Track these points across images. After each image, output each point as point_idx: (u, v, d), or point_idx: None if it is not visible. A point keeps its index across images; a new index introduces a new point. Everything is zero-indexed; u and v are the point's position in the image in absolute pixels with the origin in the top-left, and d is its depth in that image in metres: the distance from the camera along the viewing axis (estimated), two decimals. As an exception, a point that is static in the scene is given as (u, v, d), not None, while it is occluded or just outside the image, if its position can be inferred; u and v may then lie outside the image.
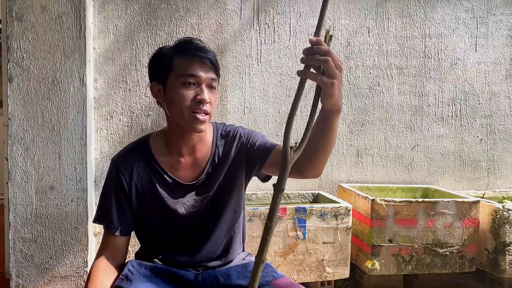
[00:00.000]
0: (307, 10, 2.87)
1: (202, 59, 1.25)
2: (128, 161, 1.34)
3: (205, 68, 1.25)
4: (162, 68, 1.28)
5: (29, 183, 2.37)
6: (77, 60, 2.39)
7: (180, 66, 1.25)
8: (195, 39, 1.30)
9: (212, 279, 1.35)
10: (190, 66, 1.24)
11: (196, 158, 1.35)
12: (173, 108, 1.27)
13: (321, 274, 2.43)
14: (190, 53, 1.25)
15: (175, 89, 1.25)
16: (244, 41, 2.82)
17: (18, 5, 2.33)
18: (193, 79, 1.24)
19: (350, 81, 2.96)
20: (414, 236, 2.49)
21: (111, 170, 1.35)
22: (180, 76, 1.24)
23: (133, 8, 2.67)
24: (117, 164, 1.34)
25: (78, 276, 2.43)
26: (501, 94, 3.15)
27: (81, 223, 2.42)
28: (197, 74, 1.24)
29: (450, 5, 3.06)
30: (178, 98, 1.24)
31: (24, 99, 2.36)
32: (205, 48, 1.28)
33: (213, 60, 1.28)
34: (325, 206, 2.42)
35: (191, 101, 1.24)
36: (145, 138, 1.39)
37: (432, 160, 3.09)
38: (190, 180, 1.35)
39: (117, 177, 1.33)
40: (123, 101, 2.68)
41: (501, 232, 2.51)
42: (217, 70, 1.30)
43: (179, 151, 1.34)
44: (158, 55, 1.31)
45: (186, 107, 1.24)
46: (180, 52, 1.27)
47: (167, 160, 1.34)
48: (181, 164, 1.34)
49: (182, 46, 1.28)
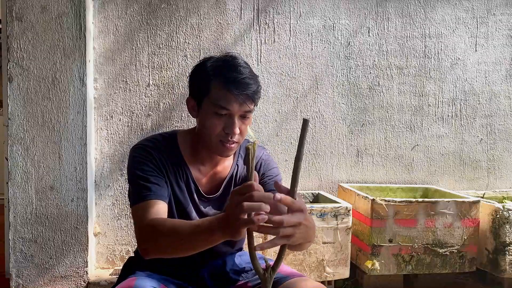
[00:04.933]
0: (307, 10, 2.87)
1: (239, 95, 1.19)
2: (159, 148, 1.27)
3: (242, 101, 1.20)
4: (199, 89, 1.25)
5: (29, 183, 2.38)
6: (77, 60, 2.39)
7: (215, 95, 1.20)
8: (239, 65, 1.22)
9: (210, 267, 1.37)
10: (225, 98, 1.19)
11: (216, 170, 1.34)
12: (203, 130, 1.25)
13: (321, 274, 2.43)
14: (229, 85, 1.19)
15: (207, 115, 1.22)
16: (244, 41, 2.82)
17: (18, 5, 2.33)
18: (225, 111, 1.20)
19: (350, 81, 2.96)
20: (414, 236, 2.49)
21: (141, 152, 1.25)
22: (214, 105, 1.20)
23: (133, 8, 2.67)
24: (148, 148, 1.26)
25: (78, 276, 2.43)
26: (501, 94, 3.15)
27: (81, 223, 2.42)
28: (230, 108, 1.20)
29: (450, 5, 3.06)
30: (208, 125, 1.22)
31: (24, 99, 2.36)
32: (246, 83, 1.19)
33: (252, 93, 1.21)
34: (325, 206, 2.42)
35: (220, 131, 1.21)
36: (172, 134, 1.34)
37: (432, 160, 3.09)
38: (208, 191, 1.34)
39: (150, 154, 1.24)
40: (123, 101, 2.68)
41: (501, 232, 2.51)
42: (255, 101, 1.24)
43: (203, 160, 1.33)
44: (198, 72, 1.26)
45: (215, 135, 1.22)
46: (219, 79, 1.20)
47: (193, 165, 1.32)
48: (203, 172, 1.33)
49: (223, 75, 1.20)
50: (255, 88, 1.22)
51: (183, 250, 1.09)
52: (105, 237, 2.67)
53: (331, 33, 2.91)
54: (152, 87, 2.70)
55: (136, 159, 1.25)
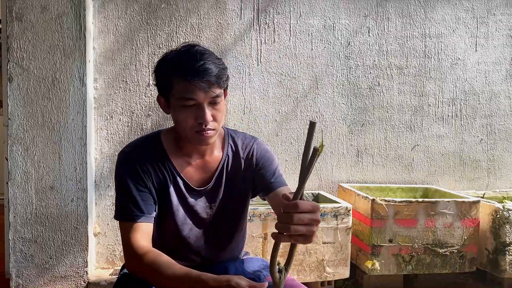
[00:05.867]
0: (307, 10, 2.87)
1: (201, 83, 1.17)
2: (141, 153, 1.28)
3: (205, 88, 1.18)
4: (163, 86, 1.25)
5: (29, 183, 2.37)
6: (77, 60, 2.39)
7: (178, 88, 1.20)
8: (196, 52, 1.20)
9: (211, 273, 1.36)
10: (188, 89, 1.18)
11: (206, 161, 1.34)
12: (178, 125, 1.25)
13: (321, 274, 2.43)
14: (188, 76, 1.17)
15: (176, 109, 1.22)
16: (244, 41, 2.82)
17: (18, 5, 2.33)
18: (192, 102, 1.19)
19: (350, 81, 2.96)
20: (414, 236, 2.49)
21: (122, 163, 1.27)
22: (180, 98, 1.20)
23: (133, 8, 2.67)
24: (130, 156, 1.28)
25: (78, 276, 2.43)
26: (501, 94, 3.15)
27: (81, 223, 2.42)
28: (195, 97, 1.18)
29: (450, 5, 3.06)
30: (180, 119, 1.22)
31: (24, 99, 2.36)
32: (205, 69, 1.17)
33: (215, 77, 1.19)
34: (325, 206, 2.42)
35: (193, 122, 1.21)
36: (156, 134, 1.34)
37: (432, 160, 3.09)
38: (199, 184, 1.33)
39: (132, 167, 1.26)
40: (123, 101, 2.68)
41: (501, 232, 2.51)
42: (222, 82, 1.22)
43: (189, 153, 1.32)
44: (159, 70, 1.25)
45: (189, 127, 1.22)
46: (178, 73, 1.19)
47: (178, 160, 1.31)
48: (192, 165, 1.32)
49: (181, 67, 1.19)
50: (216, 72, 1.19)
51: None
52: (105, 237, 2.67)
53: (331, 33, 2.91)
54: (152, 87, 2.70)
55: (120, 172, 1.27)
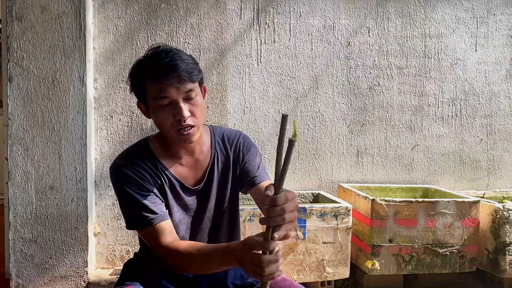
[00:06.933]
0: (307, 10, 2.87)
1: (170, 80, 1.19)
2: (133, 161, 1.29)
3: (176, 84, 1.20)
4: (139, 91, 1.27)
5: (29, 183, 2.37)
6: (77, 60, 2.39)
7: (151, 90, 1.22)
8: (162, 51, 1.22)
9: (210, 277, 1.36)
10: (160, 89, 1.20)
11: (198, 160, 1.35)
12: (160, 127, 1.27)
13: (321, 274, 2.43)
14: (157, 76, 1.20)
15: (154, 111, 1.24)
16: (244, 41, 2.82)
17: (18, 5, 2.33)
18: (167, 100, 1.21)
19: (350, 81, 2.96)
20: (414, 236, 2.49)
21: (118, 175, 1.29)
22: (154, 99, 1.22)
23: (133, 8, 2.67)
24: (123, 167, 1.28)
25: (78, 276, 2.43)
26: (501, 94, 3.15)
27: (81, 223, 2.42)
28: (168, 95, 1.20)
29: (450, 5, 3.06)
30: (160, 120, 1.24)
31: (24, 99, 2.36)
32: (171, 65, 1.19)
33: (184, 72, 1.20)
34: (325, 206, 2.42)
35: (172, 121, 1.22)
36: (143, 141, 1.36)
37: (432, 160, 3.09)
38: (193, 182, 1.35)
39: (129, 177, 1.27)
40: (123, 101, 2.68)
41: (501, 232, 2.51)
42: (193, 77, 1.23)
43: (178, 154, 1.33)
44: (132, 77, 1.28)
45: (169, 127, 1.23)
46: (148, 75, 1.22)
47: (170, 162, 1.32)
48: (183, 165, 1.34)
49: (150, 69, 1.22)
50: (183, 66, 1.19)
51: (202, 271, 1.23)
52: (105, 237, 2.67)
53: (331, 33, 2.91)
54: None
55: (118, 185, 1.28)
